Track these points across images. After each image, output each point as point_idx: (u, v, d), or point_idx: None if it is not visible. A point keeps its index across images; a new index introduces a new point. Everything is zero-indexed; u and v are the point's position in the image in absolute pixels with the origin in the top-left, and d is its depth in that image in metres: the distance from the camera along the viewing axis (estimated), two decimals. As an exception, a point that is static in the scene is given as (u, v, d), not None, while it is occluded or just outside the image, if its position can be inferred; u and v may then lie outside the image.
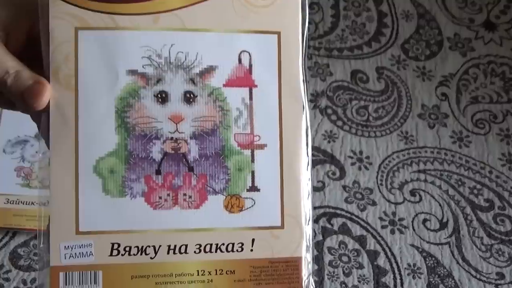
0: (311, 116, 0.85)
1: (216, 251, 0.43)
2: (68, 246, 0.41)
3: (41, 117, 0.42)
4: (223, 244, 0.43)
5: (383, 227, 0.78)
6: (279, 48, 0.44)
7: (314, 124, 0.86)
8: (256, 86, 0.44)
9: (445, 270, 0.75)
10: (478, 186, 0.84)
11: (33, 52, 0.43)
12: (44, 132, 0.42)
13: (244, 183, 0.43)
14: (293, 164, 0.44)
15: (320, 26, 0.97)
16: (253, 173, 0.44)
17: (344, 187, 0.82)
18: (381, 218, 0.79)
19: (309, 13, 0.98)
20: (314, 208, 0.79)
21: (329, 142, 0.86)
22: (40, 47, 0.42)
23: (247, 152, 0.44)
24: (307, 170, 0.45)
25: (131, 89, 0.42)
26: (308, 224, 0.45)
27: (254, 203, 0.44)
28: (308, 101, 0.45)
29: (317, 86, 0.91)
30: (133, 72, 0.42)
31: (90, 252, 0.42)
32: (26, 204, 0.75)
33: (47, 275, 0.42)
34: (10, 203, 0.75)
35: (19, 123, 0.79)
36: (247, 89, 0.44)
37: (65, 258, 0.41)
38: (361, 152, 0.85)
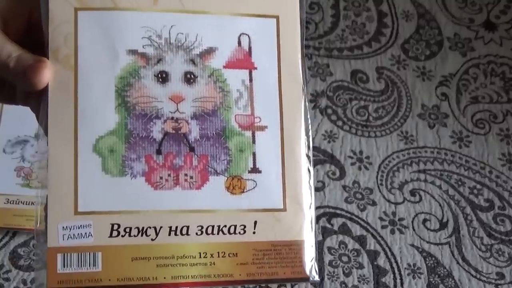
0: (311, 116, 0.85)
1: (218, 233, 0.42)
2: (67, 227, 0.40)
3: (40, 105, 0.42)
4: (225, 226, 0.42)
5: (383, 227, 0.78)
6: (278, 32, 0.44)
7: (314, 124, 0.86)
8: (256, 68, 0.44)
9: (445, 270, 0.75)
10: (478, 186, 0.84)
11: (34, 39, 0.43)
12: (42, 118, 0.42)
13: (245, 164, 0.43)
14: (294, 146, 0.44)
15: (320, 26, 0.97)
16: (254, 154, 0.43)
17: (344, 187, 0.82)
18: (381, 218, 0.79)
19: (309, 13, 0.98)
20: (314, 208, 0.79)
21: (329, 142, 0.86)
22: (41, 34, 0.42)
23: (248, 133, 0.44)
24: (307, 152, 0.44)
25: (131, 68, 0.42)
26: (311, 207, 0.44)
27: (256, 184, 0.43)
28: (307, 83, 0.45)
29: (317, 86, 0.91)
30: (133, 52, 0.42)
31: (89, 233, 0.41)
32: (26, 204, 0.75)
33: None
34: (10, 203, 0.75)
35: (19, 123, 0.79)
36: (247, 71, 0.44)
37: (63, 239, 0.40)
38: (361, 152, 0.85)
